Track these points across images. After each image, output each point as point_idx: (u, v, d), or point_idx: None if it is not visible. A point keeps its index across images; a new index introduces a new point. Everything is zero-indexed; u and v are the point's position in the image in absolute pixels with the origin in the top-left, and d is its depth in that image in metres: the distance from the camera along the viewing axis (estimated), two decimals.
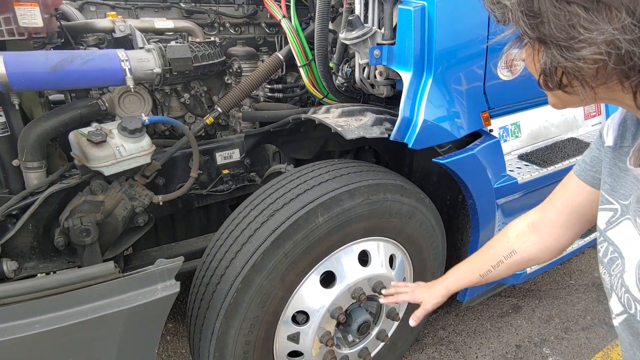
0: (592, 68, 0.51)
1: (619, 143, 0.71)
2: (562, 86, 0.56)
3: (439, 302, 1.08)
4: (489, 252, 1.00)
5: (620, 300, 0.66)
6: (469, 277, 1.03)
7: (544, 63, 0.54)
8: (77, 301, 1.03)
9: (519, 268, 0.96)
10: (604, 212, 0.72)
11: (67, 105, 1.54)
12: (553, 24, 0.50)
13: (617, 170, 0.70)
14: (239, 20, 2.02)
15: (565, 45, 0.50)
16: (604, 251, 0.71)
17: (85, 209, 1.52)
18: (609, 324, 2.20)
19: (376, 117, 1.43)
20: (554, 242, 0.90)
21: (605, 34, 0.47)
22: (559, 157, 1.89)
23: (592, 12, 0.47)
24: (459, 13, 1.37)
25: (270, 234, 1.26)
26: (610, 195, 0.71)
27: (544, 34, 0.51)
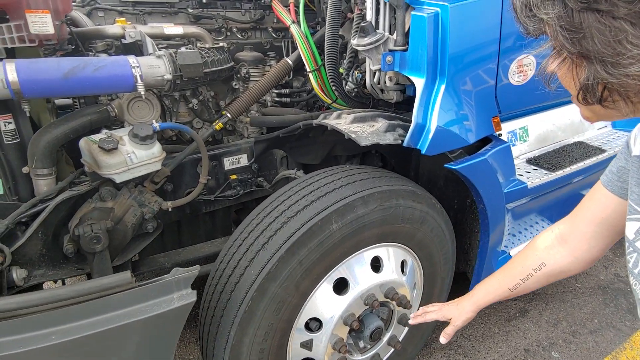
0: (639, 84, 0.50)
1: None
2: (602, 101, 0.55)
3: (469, 318, 1.07)
4: (517, 265, 0.98)
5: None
6: (498, 291, 1.01)
7: (586, 78, 0.53)
8: (94, 311, 1.02)
9: (549, 280, 0.95)
10: (633, 222, 0.71)
11: (77, 112, 1.53)
12: (597, 39, 0.49)
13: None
14: (246, 25, 2.02)
15: (611, 61, 0.49)
16: (634, 262, 0.71)
17: (95, 216, 1.51)
18: (616, 327, 2.21)
19: (389, 124, 1.43)
20: (585, 254, 0.89)
21: None
22: (567, 161, 1.89)
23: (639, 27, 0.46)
24: (471, 19, 1.37)
25: (285, 241, 1.26)
26: (638, 205, 0.71)
27: (587, 49, 0.50)
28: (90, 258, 1.52)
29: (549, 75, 0.61)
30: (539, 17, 0.54)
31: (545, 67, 0.61)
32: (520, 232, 1.99)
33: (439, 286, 1.80)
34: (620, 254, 2.78)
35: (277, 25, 2.08)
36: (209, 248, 1.99)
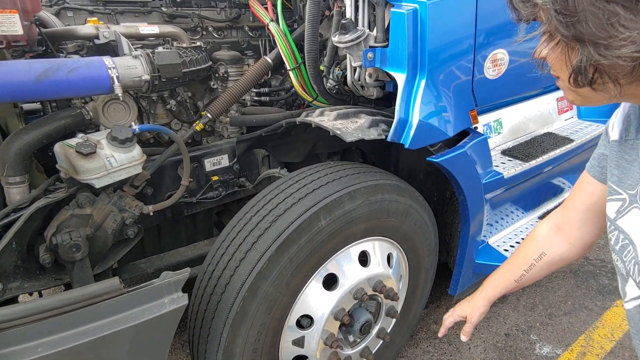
0: (629, 66, 0.52)
1: (624, 136, 0.75)
2: (592, 83, 0.57)
3: (483, 312, 1.09)
4: (519, 257, 1.02)
5: (638, 285, 0.70)
6: (504, 283, 1.04)
7: (579, 61, 0.55)
8: (82, 320, 0.99)
9: (552, 269, 0.99)
10: (613, 202, 0.76)
11: (50, 116, 1.47)
12: (591, 22, 0.51)
13: (624, 162, 0.74)
14: (222, 24, 1.99)
15: (604, 43, 0.51)
16: (615, 239, 0.75)
17: (73, 224, 1.46)
18: (588, 308, 2.32)
19: (372, 119, 1.45)
20: (579, 240, 0.93)
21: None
22: (539, 151, 1.98)
23: (631, 11, 0.48)
24: (448, 15, 1.41)
25: (275, 240, 1.26)
26: (618, 186, 0.75)
27: (581, 32, 0.52)
28: (70, 267, 1.47)
29: (541, 61, 0.63)
30: (534, 2, 0.56)
31: (539, 52, 0.63)
32: (497, 221, 2.07)
33: (423, 277, 1.84)
34: None
35: (254, 23, 2.06)
36: (191, 251, 1.95)
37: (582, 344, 2.09)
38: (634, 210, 0.71)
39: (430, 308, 2.32)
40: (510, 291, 1.05)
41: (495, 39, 1.57)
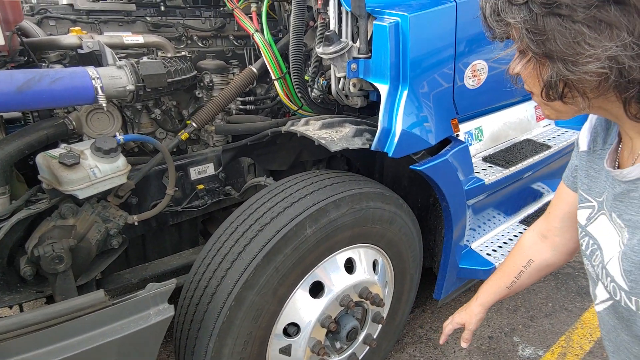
0: (595, 81, 0.56)
1: (592, 147, 0.79)
2: (563, 97, 0.61)
3: (480, 319, 1.12)
4: (509, 265, 1.05)
5: (606, 289, 0.73)
6: (497, 290, 1.07)
7: (550, 76, 0.59)
8: (66, 334, 0.98)
9: (541, 275, 1.02)
10: (584, 210, 0.80)
11: (32, 126, 1.46)
12: (559, 40, 0.54)
13: (592, 172, 0.78)
14: (207, 34, 2.00)
15: (571, 60, 0.55)
16: (586, 244, 0.79)
17: (56, 235, 1.44)
18: (568, 309, 2.39)
19: (356, 129, 1.47)
20: (562, 247, 0.97)
21: (609, 51, 0.52)
22: (518, 157, 2.03)
23: (595, 30, 0.52)
24: (429, 28, 1.45)
25: (261, 249, 1.27)
26: (587, 194, 0.79)
27: (550, 49, 0.56)
28: (52, 279, 1.44)
29: (515, 77, 0.67)
30: (506, 21, 0.59)
31: (512, 69, 0.67)
32: (480, 226, 2.11)
33: (408, 283, 1.87)
34: None
35: (238, 33, 2.08)
36: (177, 261, 1.94)
37: (563, 344, 2.15)
38: (601, 216, 0.74)
39: (416, 312, 2.35)
40: (504, 297, 1.07)
41: (474, 50, 1.62)
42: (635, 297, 0.65)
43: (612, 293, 0.71)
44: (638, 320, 0.67)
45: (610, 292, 0.71)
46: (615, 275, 0.68)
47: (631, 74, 0.52)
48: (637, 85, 0.54)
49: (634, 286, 0.64)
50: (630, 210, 0.65)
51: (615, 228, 0.70)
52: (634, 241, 0.64)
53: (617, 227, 0.69)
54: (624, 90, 0.55)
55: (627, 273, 0.65)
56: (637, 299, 0.65)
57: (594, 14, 0.51)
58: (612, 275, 0.69)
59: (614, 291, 0.70)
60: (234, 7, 1.87)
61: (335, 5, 1.49)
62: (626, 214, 0.66)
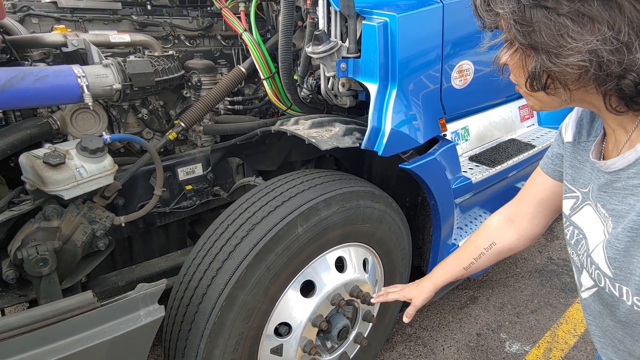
0: (576, 73, 0.58)
1: (577, 139, 0.81)
2: (546, 88, 0.63)
3: (427, 298, 1.13)
4: (470, 246, 1.07)
5: (591, 276, 0.75)
6: (454, 270, 1.09)
7: (534, 67, 0.61)
8: (54, 337, 0.95)
9: (499, 258, 1.04)
10: (568, 200, 0.82)
11: (14, 126, 1.42)
12: (544, 32, 0.56)
13: (577, 163, 0.80)
14: (194, 33, 1.99)
15: (554, 52, 0.57)
16: (570, 234, 0.81)
17: (40, 237, 1.41)
18: (552, 305, 2.44)
19: (346, 128, 1.48)
20: (528, 232, 0.99)
21: (590, 44, 0.53)
22: (504, 157, 2.07)
23: (578, 24, 0.54)
24: (417, 28, 1.47)
25: (252, 248, 1.26)
26: (572, 185, 0.81)
27: (536, 41, 0.58)
28: (36, 282, 1.41)
29: (502, 67, 0.69)
30: (496, 12, 0.61)
31: (499, 58, 0.69)
32: (467, 224, 2.14)
33: (398, 281, 1.88)
34: (551, 239, 3.07)
35: (226, 32, 2.06)
36: (164, 263, 1.92)
37: (548, 340, 2.19)
38: (586, 207, 0.77)
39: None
40: (458, 278, 1.08)
41: (461, 50, 1.65)
42: (618, 284, 0.67)
43: (596, 280, 0.73)
44: (621, 306, 0.69)
45: (595, 279, 0.74)
46: (600, 262, 0.70)
47: (610, 67, 0.54)
48: (615, 78, 0.55)
49: (617, 273, 0.67)
50: (613, 200, 0.68)
51: (600, 218, 0.72)
52: (618, 229, 0.66)
53: (601, 216, 0.71)
54: (603, 83, 0.57)
55: (611, 260, 0.67)
56: (620, 285, 0.67)
57: (577, 7, 0.53)
58: (596, 263, 0.72)
59: (598, 278, 0.72)
60: (222, 7, 1.86)
61: (325, 5, 1.50)
62: (610, 203, 0.69)
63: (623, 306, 0.68)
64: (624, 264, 0.65)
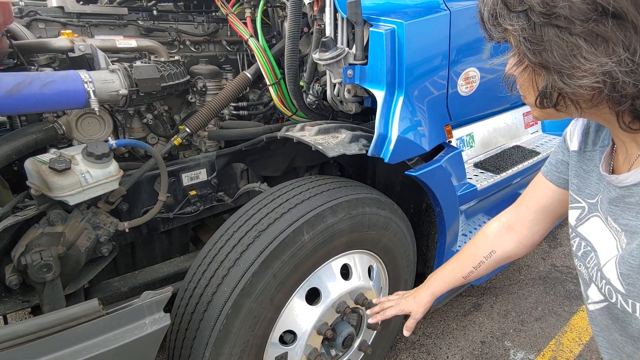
0: (590, 94, 0.56)
1: (583, 148, 0.79)
2: (556, 105, 0.61)
3: (426, 309, 1.09)
4: (469, 254, 1.04)
5: (600, 291, 0.73)
6: (452, 279, 1.06)
7: (545, 87, 0.59)
8: (59, 345, 0.94)
9: (498, 265, 1.02)
10: (574, 210, 0.80)
11: (20, 130, 1.42)
12: (556, 52, 0.54)
13: (582, 172, 0.78)
14: (200, 38, 1.99)
15: (567, 72, 0.54)
16: (577, 245, 0.79)
17: (44, 242, 1.40)
18: (557, 313, 2.42)
19: (352, 134, 1.48)
20: (528, 239, 0.97)
21: (605, 66, 0.52)
22: (508, 163, 2.07)
23: (592, 44, 0.52)
24: (424, 35, 1.47)
25: (258, 256, 1.25)
26: (577, 195, 0.79)
27: (547, 60, 0.55)
28: (40, 288, 1.40)
29: (512, 81, 0.67)
30: (504, 27, 0.58)
31: (509, 73, 0.67)
32: (471, 231, 2.13)
33: (402, 288, 1.87)
34: (554, 247, 3.06)
35: (232, 38, 2.07)
36: (167, 268, 1.91)
37: (553, 348, 2.18)
38: (593, 218, 0.75)
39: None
40: (457, 286, 1.05)
41: (468, 57, 1.65)
42: (632, 300, 0.66)
43: (607, 295, 0.72)
44: (634, 322, 0.68)
45: (605, 294, 0.72)
46: (612, 278, 0.69)
47: (625, 89, 0.53)
48: (630, 99, 0.54)
49: (631, 289, 0.65)
50: (627, 215, 0.66)
51: (612, 232, 0.70)
52: (633, 246, 0.64)
53: (613, 230, 0.70)
54: (617, 103, 0.55)
55: (624, 277, 0.66)
56: (633, 302, 0.65)
57: (591, 27, 0.51)
58: (607, 278, 0.70)
59: (609, 294, 0.71)
60: (228, 13, 1.86)
61: (331, 11, 1.50)
62: (623, 218, 0.67)
63: (635, 322, 0.67)
64: (638, 281, 0.64)
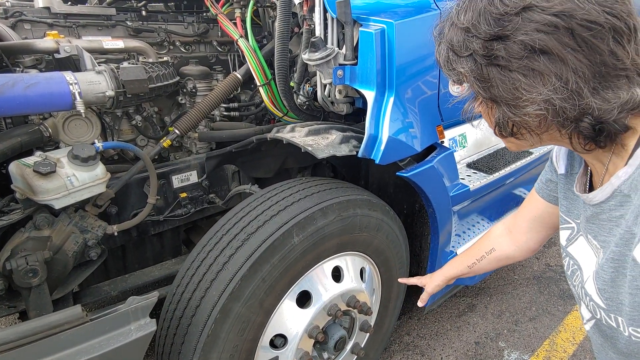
0: (536, 121, 0.61)
1: (569, 170, 0.83)
2: (513, 134, 0.66)
3: (439, 286, 1.22)
4: (476, 248, 1.15)
5: (587, 308, 0.75)
6: (460, 267, 1.17)
7: (498, 118, 0.65)
8: (41, 353, 0.92)
9: (499, 264, 1.10)
10: (564, 231, 0.83)
11: (5, 133, 1.39)
12: (501, 87, 0.60)
13: (570, 194, 0.81)
14: (190, 39, 1.97)
15: (512, 104, 0.61)
16: (567, 265, 0.82)
17: (30, 247, 1.38)
18: (551, 313, 2.42)
19: (343, 135, 1.46)
20: (524, 244, 1.04)
21: (543, 95, 0.57)
22: (501, 164, 2.06)
23: (529, 77, 0.58)
24: (414, 35, 1.45)
25: (247, 259, 1.23)
26: (567, 216, 0.82)
27: (495, 95, 0.62)
28: (26, 293, 1.37)
29: (472, 115, 0.75)
30: (458, 70, 0.65)
31: (468, 107, 0.74)
32: (464, 232, 2.13)
33: (395, 290, 1.85)
34: (548, 246, 3.06)
35: (222, 38, 2.05)
36: (158, 271, 1.89)
37: (547, 348, 2.17)
38: (580, 237, 0.77)
39: (403, 320, 2.34)
40: (464, 275, 1.18)
41: None
42: (613, 314, 0.67)
43: (593, 312, 0.73)
44: (620, 337, 0.68)
45: (592, 311, 0.74)
46: (592, 294, 0.71)
47: (565, 113, 0.58)
48: (573, 122, 0.59)
49: (609, 303, 0.67)
50: (602, 231, 0.69)
51: (592, 249, 0.73)
52: (603, 260, 0.67)
53: (594, 248, 0.72)
54: (563, 126, 0.61)
55: (601, 291, 0.68)
56: (615, 316, 0.67)
57: (526, 63, 0.57)
58: (589, 294, 0.72)
59: (594, 310, 0.72)
60: (217, 13, 1.85)
61: (321, 11, 1.48)
62: (600, 235, 0.70)
63: (621, 337, 0.68)
64: (614, 295, 0.65)
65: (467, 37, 0.61)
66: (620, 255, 0.63)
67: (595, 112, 0.57)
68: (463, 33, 0.62)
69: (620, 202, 0.64)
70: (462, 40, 0.62)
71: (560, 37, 0.55)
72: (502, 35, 0.58)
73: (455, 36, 0.63)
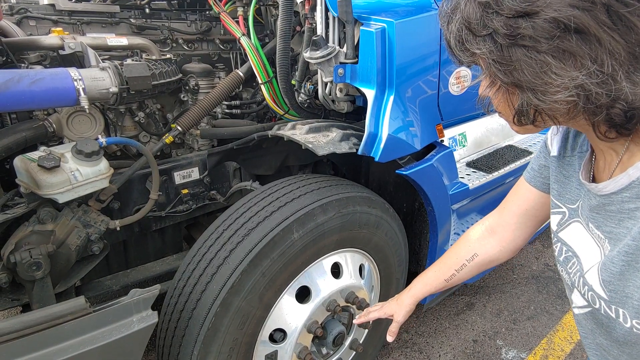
0: (565, 108, 0.56)
1: (562, 153, 0.79)
2: (534, 122, 0.61)
3: (408, 312, 1.10)
4: (452, 257, 1.04)
5: (583, 297, 0.74)
6: (434, 282, 1.05)
7: (520, 105, 0.59)
8: (45, 343, 0.94)
9: (481, 270, 1.01)
10: (555, 215, 0.80)
11: (10, 128, 1.41)
12: (527, 71, 0.54)
13: (562, 177, 0.79)
14: (192, 37, 1.99)
15: (541, 89, 0.55)
16: (559, 250, 0.79)
17: (34, 240, 1.40)
18: (549, 312, 2.43)
19: (343, 133, 1.48)
20: (511, 243, 0.97)
21: (577, 80, 0.52)
22: (501, 163, 2.07)
23: (560, 60, 0.52)
24: (414, 34, 1.47)
25: (247, 254, 1.25)
26: (558, 200, 0.79)
27: (519, 79, 0.56)
28: (29, 287, 1.40)
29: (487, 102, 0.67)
30: (472, 52, 0.58)
31: (483, 94, 0.67)
32: (464, 230, 2.14)
33: (394, 287, 1.87)
34: (548, 246, 3.07)
35: (224, 36, 2.06)
36: (160, 267, 1.91)
37: (545, 347, 2.19)
38: (574, 223, 0.75)
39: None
40: (439, 290, 1.05)
41: None
42: (615, 306, 0.66)
43: (590, 301, 0.72)
44: (618, 327, 0.67)
45: (589, 300, 0.72)
46: (594, 284, 0.69)
47: (599, 100, 0.53)
48: (605, 109, 0.54)
49: (613, 295, 0.65)
50: (609, 222, 0.66)
51: (594, 238, 0.70)
52: (614, 252, 0.64)
53: (595, 237, 0.69)
54: (593, 114, 0.56)
55: (605, 283, 0.66)
56: (616, 308, 0.65)
57: (557, 44, 0.51)
58: (590, 284, 0.70)
59: (592, 299, 0.71)
60: (220, 11, 1.86)
61: (323, 10, 1.50)
62: (606, 225, 0.67)
63: (620, 328, 0.67)
64: (620, 287, 0.64)
65: (487, 14, 0.54)
66: (636, 250, 0.59)
67: (629, 97, 0.51)
68: (481, 9, 0.55)
69: (638, 194, 0.60)
70: (479, 17, 0.55)
71: (597, 13, 0.49)
72: (530, 12, 0.51)
73: (473, 12, 0.56)
